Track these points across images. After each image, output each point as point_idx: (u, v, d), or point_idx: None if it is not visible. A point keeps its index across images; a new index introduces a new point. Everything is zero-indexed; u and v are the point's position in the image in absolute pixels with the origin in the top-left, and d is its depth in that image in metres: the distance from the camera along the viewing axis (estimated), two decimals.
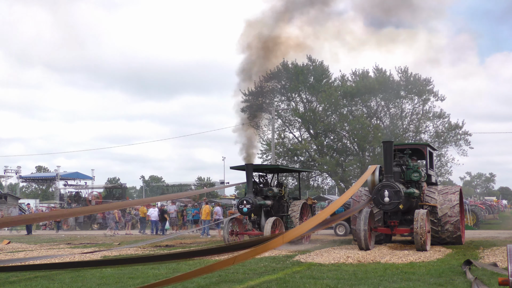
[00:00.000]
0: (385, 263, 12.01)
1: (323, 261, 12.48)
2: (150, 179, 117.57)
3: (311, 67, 42.94)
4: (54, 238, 24.91)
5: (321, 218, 12.14)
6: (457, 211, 16.62)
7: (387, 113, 43.02)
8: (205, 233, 24.12)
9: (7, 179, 60.07)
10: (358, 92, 40.73)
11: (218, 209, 25.13)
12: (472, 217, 29.42)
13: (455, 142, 41.64)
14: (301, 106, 43.76)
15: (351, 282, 9.32)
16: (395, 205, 15.46)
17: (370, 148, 41.49)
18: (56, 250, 17.24)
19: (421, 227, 14.60)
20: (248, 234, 18.22)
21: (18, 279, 10.68)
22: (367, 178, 16.33)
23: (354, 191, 15.58)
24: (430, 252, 14.34)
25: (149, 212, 28.45)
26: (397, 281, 9.41)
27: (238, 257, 9.07)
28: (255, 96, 30.18)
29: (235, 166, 19.76)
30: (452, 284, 9.05)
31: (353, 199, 17.92)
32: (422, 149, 18.31)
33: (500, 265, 11.10)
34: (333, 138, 43.37)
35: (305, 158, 42.83)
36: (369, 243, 15.10)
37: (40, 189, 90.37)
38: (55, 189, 59.72)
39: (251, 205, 17.52)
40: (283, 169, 23.25)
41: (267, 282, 9.51)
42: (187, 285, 9.32)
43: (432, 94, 41.66)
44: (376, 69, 42.54)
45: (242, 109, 28.63)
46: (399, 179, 16.05)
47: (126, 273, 10.91)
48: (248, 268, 11.39)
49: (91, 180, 58.95)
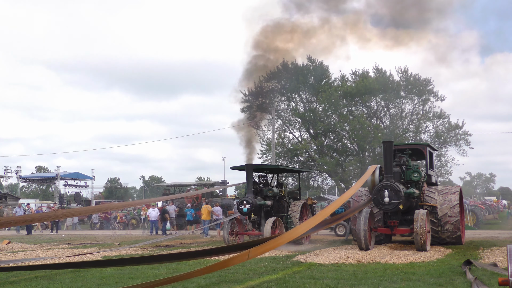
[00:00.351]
0: (385, 263, 12.01)
1: (323, 261, 12.48)
2: (150, 179, 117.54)
3: (311, 67, 42.95)
4: (54, 238, 24.91)
5: (321, 218, 12.13)
6: (457, 211, 16.62)
7: (387, 113, 43.05)
8: (203, 233, 24.10)
9: (7, 179, 60.09)
10: (358, 92, 40.75)
11: (217, 209, 25.09)
12: (472, 217, 29.44)
13: (455, 142, 41.67)
14: (301, 106, 43.79)
15: (351, 282, 9.32)
16: (395, 205, 15.46)
17: (370, 148, 41.50)
18: (56, 250, 17.24)
19: (421, 227, 14.59)
20: (248, 234, 18.22)
21: (18, 279, 10.68)
22: (367, 178, 16.33)
23: (354, 191, 15.59)
24: (430, 252, 14.34)
25: (148, 212, 28.47)
26: (397, 281, 9.41)
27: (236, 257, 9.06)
28: (255, 96, 30.17)
29: (235, 166, 19.78)
30: (452, 284, 9.05)
31: (353, 199, 17.92)
32: (422, 149, 18.31)
33: (500, 265, 11.10)
34: (333, 138, 43.39)
35: (305, 158, 42.85)
36: (369, 243, 15.10)
37: (40, 189, 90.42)
38: (55, 189, 59.74)
39: (251, 205, 17.52)
40: (283, 169, 23.25)
41: (267, 282, 9.51)
42: (187, 285, 9.32)
43: (432, 94, 41.70)
44: (376, 69, 42.58)
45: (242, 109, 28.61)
46: (399, 179, 16.05)
47: (126, 273, 10.91)
48: (248, 268, 11.39)
49: (91, 180, 59.01)
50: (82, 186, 56.44)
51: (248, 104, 31.57)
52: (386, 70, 42.29)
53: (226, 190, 34.46)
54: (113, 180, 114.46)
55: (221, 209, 25.40)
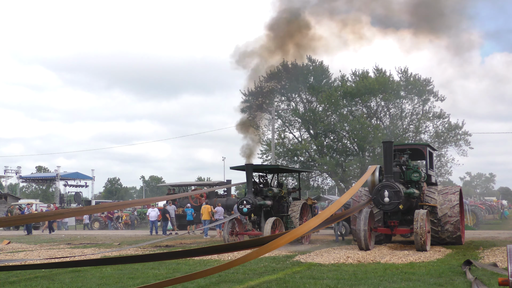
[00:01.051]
0: (385, 263, 12.01)
1: (323, 261, 12.48)
2: (150, 179, 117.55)
3: (311, 67, 42.94)
4: (54, 238, 24.90)
5: (321, 218, 12.13)
6: (457, 211, 16.62)
7: (387, 113, 43.04)
8: (203, 233, 24.09)
9: (7, 179, 60.09)
10: (358, 92, 40.74)
11: (218, 209, 25.07)
12: (472, 217, 29.45)
13: (455, 142, 41.66)
14: (301, 106, 43.78)
15: (351, 282, 9.32)
16: (395, 205, 15.47)
17: (370, 148, 41.49)
18: (56, 250, 17.24)
19: (421, 227, 14.59)
20: (248, 234, 18.23)
21: (18, 279, 10.68)
22: (367, 178, 16.33)
23: (354, 191, 15.58)
24: (430, 252, 14.34)
25: (148, 212, 28.48)
26: (397, 281, 9.41)
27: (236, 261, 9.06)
28: (255, 96, 30.20)
29: (235, 166, 19.78)
30: (452, 284, 9.05)
31: (353, 199, 17.93)
32: (422, 149, 18.31)
33: (500, 265, 11.10)
34: (333, 138, 43.38)
35: (305, 158, 42.84)
36: (369, 243, 15.10)
37: (40, 189, 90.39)
38: (55, 189, 59.75)
39: (251, 205, 17.53)
40: (283, 169, 23.24)
41: (267, 282, 9.51)
42: (187, 285, 9.32)
43: (432, 94, 41.69)
44: (376, 69, 42.57)
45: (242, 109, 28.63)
46: (399, 179, 16.05)
47: (126, 273, 10.92)
48: (248, 268, 11.39)
49: (91, 180, 59.04)
50: (82, 186, 56.48)
51: (248, 104, 31.56)
52: (386, 70, 42.32)
53: (231, 191, 34.24)
54: (113, 180, 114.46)
55: (222, 209, 25.37)
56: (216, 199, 29.74)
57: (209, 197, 29.54)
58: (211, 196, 30.04)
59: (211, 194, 30.15)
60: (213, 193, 30.69)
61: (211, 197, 29.83)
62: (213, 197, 30.29)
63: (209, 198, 29.16)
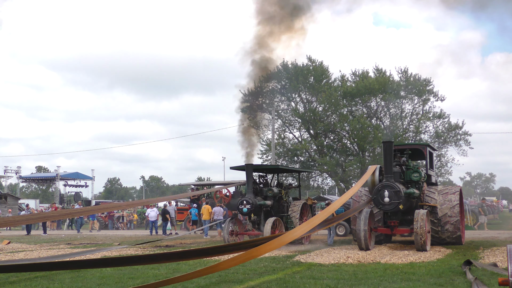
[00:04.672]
0: (385, 263, 12.01)
1: (323, 261, 12.48)
2: (150, 179, 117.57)
3: (311, 67, 42.93)
4: (54, 238, 24.89)
5: (321, 218, 12.13)
6: (457, 211, 16.63)
7: (387, 113, 43.01)
8: (203, 233, 24.10)
9: (7, 179, 60.08)
10: (358, 92, 40.72)
11: (217, 209, 25.03)
12: (472, 217, 29.42)
13: (455, 142, 41.63)
14: (301, 106, 43.76)
15: (351, 282, 9.32)
16: (395, 205, 15.47)
17: (370, 148, 41.47)
18: (56, 250, 17.24)
19: (421, 227, 14.60)
20: (248, 234, 18.22)
21: (18, 279, 10.68)
22: (367, 178, 16.33)
23: (354, 191, 15.58)
24: (430, 252, 14.34)
25: (147, 213, 28.48)
26: (397, 281, 9.41)
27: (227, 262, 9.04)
28: (254, 96, 30.14)
29: (235, 166, 19.78)
30: (452, 284, 9.05)
31: (353, 199, 17.92)
32: (422, 149, 18.30)
33: (500, 265, 11.10)
34: (333, 138, 43.35)
35: (305, 158, 42.81)
36: (369, 243, 15.10)
37: (40, 189, 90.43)
38: (55, 189, 59.74)
39: (251, 205, 17.52)
40: (283, 169, 23.24)
41: (267, 282, 9.51)
42: (187, 285, 9.32)
43: (432, 94, 41.68)
44: (376, 69, 42.57)
45: (242, 109, 28.60)
46: (399, 179, 16.05)
47: (126, 273, 10.91)
48: (248, 268, 11.39)
49: (91, 180, 59.01)
50: (82, 186, 56.45)
51: (248, 104, 31.52)
52: (386, 70, 42.31)
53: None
54: (113, 180, 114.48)
55: (221, 209, 25.33)
56: (205, 199, 29.28)
57: (234, 197, 28.86)
58: (235, 196, 29.26)
59: (235, 194, 29.38)
60: (238, 193, 29.83)
61: (235, 196, 29.04)
62: (238, 197, 29.41)
63: (234, 198, 28.47)
